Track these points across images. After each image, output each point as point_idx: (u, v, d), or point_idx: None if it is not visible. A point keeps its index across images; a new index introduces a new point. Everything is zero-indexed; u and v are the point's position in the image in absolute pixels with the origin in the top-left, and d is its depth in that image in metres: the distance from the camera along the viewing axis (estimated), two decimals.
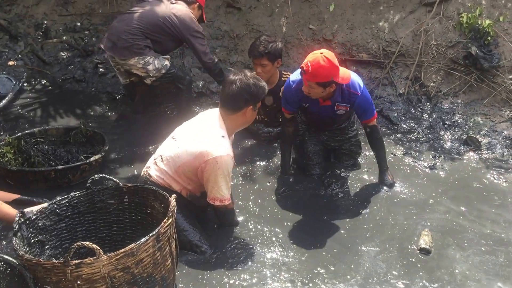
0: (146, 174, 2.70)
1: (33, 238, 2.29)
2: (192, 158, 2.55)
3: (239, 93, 2.62)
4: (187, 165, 2.58)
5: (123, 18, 3.93)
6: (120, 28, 3.84)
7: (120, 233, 2.56)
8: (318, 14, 4.81)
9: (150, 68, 3.87)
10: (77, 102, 4.59)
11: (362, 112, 3.15)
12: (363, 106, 3.10)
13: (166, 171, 2.63)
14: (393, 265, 2.57)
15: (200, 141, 2.57)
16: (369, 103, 3.13)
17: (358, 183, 3.35)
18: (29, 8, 5.60)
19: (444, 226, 2.91)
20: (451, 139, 3.98)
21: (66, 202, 2.44)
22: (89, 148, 3.59)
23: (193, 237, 2.63)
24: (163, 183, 2.63)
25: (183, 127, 2.78)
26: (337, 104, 3.11)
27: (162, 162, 2.65)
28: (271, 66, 3.66)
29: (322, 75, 2.82)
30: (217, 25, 5.00)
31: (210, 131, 2.62)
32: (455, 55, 4.39)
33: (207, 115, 2.78)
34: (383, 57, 4.55)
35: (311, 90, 2.94)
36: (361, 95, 3.06)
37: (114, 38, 3.84)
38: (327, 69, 2.80)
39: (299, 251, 2.65)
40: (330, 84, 2.90)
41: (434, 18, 4.51)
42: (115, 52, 3.85)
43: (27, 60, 5.23)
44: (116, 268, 2.00)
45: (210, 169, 2.51)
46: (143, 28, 3.82)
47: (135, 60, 3.82)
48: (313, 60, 2.81)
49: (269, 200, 3.13)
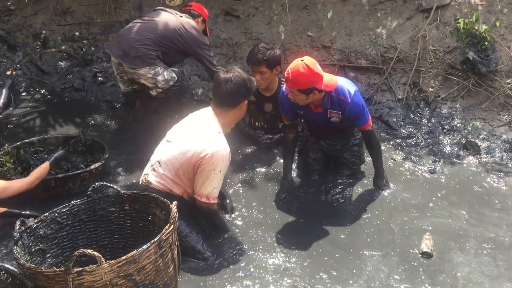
0: (145, 181, 2.68)
1: (34, 247, 2.29)
2: (190, 156, 2.55)
3: (237, 89, 2.68)
4: (185, 165, 2.58)
5: (134, 27, 3.89)
6: (131, 37, 3.81)
7: (121, 241, 2.55)
8: (316, 21, 4.84)
9: (159, 79, 3.85)
10: (76, 111, 4.59)
11: (354, 119, 3.11)
12: (354, 113, 3.05)
13: (166, 175, 2.62)
14: (395, 269, 2.57)
15: (196, 139, 2.59)
16: (361, 110, 3.05)
17: (359, 188, 3.35)
18: (27, 18, 5.63)
19: (446, 230, 2.90)
20: (450, 143, 3.99)
21: (67, 210, 2.44)
22: (88, 157, 3.59)
23: (196, 243, 2.62)
24: (164, 188, 2.63)
25: (176, 129, 2.78)
26: (329, 111, 3.09)
27: (160, 167, 2.64)
28: (270, 73, 3.68)
29: (302, 82, 2.83)
30: (216, 33, 5.02)
31: (206, 129, 2.65)
32: (453, 60, 4.42)
33: (200, 115, 2.79)
34: (382, 63, 4.58)
35: (295, 97, 2.96)
36: (351, 102, 3.00)
37: (125, 46, 3.79)
38: (307, 76, 2.80)
39: (301, 257, 2.64)
40: (312, 91, 2.88)
41: (431, 24, 4.54)
42: (125, 60, 3.81)
43: (25, 70, 5.24)
44: (118, 276, 1.99)
45: (205, 164, 2.52)
46: (155, 38, 3.81)
47: (145, 70, 3.80)
48: (293, 67, 2.83)
49: (270, 206, 3.13)
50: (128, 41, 3.80)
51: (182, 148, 2.60)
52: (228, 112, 2.73)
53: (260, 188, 3.33)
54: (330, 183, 3.37)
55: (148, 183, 2.66)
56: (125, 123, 4.38)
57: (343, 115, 3.09)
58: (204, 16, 4.17)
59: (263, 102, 3.89)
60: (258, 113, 3.98)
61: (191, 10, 4.12)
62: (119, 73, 4.03)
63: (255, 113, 4.01)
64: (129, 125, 4.33)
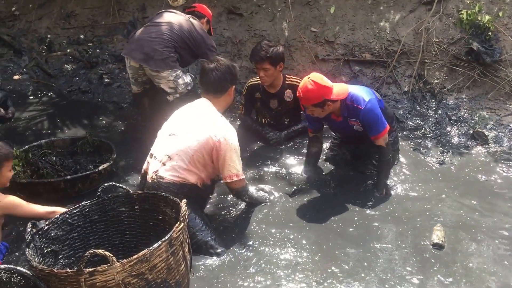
0: (157, 177, 2.69)
1: (46, 249, 2.29)
2: (204, 142, 2.67)
3: (223, 76, 2.86)
4: (200, 151, 2.67)
5: (150, 31, 3.83)
6: (152, 40, 3.76)
7: (133, 240, 2.56)
8: (319, 17, 4.83)
9: (180, 82, 3.82)
10: (83, 112, 4.62)
11: (367, 127, 3.11)
12: (367, 120, 3.08)
13: (180, 166, 2.67)
14: (407, 261, 2.56)
15: (205, 125, 2.72)
16: (374, 118, 3.07)
17: (368, 181, 3.33)
18: (32, 22, 5.68)
19: (457, 220, 2.89)
20: (458, 134, 3.97)
21: (77, 211, 2.45)
22: (97, 158, 3.61)
23: (209, 238, 2.65)
24: (179, 180, 2.67)
25: (175, 122, 2.85)
26: (349, 119, 3.19)
27: (172, 160, 2.68)
28: (273, 70, 3.68)
29: (312, 98, 3.01)
30: (220, 32, 5.03)
31: (209, 115, 2.79)
32: (457, 52, 4.40)
33: (196, 105, 2.89)
34: (386, 56, 4.56)
35: (312, 112, 3.13)
36: (364, 109, 3.05)
37: (148, 49, 3.73)
38: (315, 91, 2.98)
39: (312, 251, 2.64)
40: (325, 103, 3.03)
41: (434, 16, 4.53)
42: (149, 63, 3.74)
43: (32, 74, 5.28)
44: (130, 275, 1.99)
45: (223, 147, 2.67)
46: (174, 41, 3.78)
47: (167, 72, 3.76)
48: (302, 86, 3.03)
49: (279, 202, 3.13)
50: (150, 44, 3.74)
51: (192, 137, 2.68)
52: (219, 98, 2.88)
53: (269, 184, 3.32)
54: (340, 177, 3.37)
55: (160, 179, 2.67)
56: (132, 123, 4.40)
57: (360, 123, 3.15)
58: (208, 16, 4.16)
59: (269, 99, 3.91)
60: (264, 110, 3.99)
61: (195, 11, 4.11)
62: (135, 77, 3.97)
63: (261, 109, 4.02)
64: (136, 125, 4.35)
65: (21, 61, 5.44)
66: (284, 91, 3.86)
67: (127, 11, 5.47)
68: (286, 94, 3.86)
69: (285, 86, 3.85)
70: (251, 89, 3.96)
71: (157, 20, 3.92)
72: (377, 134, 3.10)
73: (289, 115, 3.98)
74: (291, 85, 3.84)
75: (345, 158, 3.58)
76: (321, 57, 4.69)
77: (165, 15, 3.96)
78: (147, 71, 3.84)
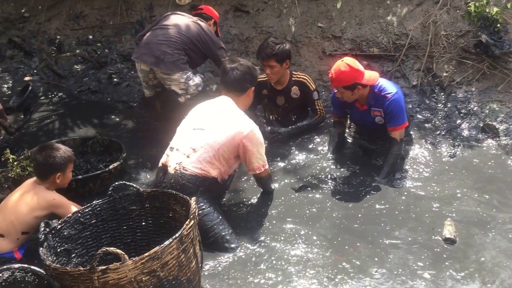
0: (181, 169, 2.73)
1: (59, 248, 2.33)
2: (231, 137, 2.78)
3: (243, 76, 2.98)
4: (226, 146, 2.77)
5: (158, 34, 3.85)
6: (162, 43, 3.78)
7: (144, 238, 2.59)
8: (326, 12, 4.82)
9: (191, 83, 3.84)
10: (93, 112, 4.66)
11: (388, 116, 3.23)
12: (390, 110, 3.20)
13: (204, 158, 2.73)
14: (418, 256, 2.55)
15: (231, 121, 2.83)
16: (398, 109, 3.21)
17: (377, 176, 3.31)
18: (42, 24, 5.74)
19: (468, 214, 2.87)
20: (468, 127, 3.94)
21: (89, 210, 2.48)
22: (107, 157, 3.65)
23: (226, 232, 2.69)
24: (201, 172, 2.73)
25: (201, 117, 2.92)
26: (372, 109, 3.28)
27: (196, 153, 2.74)
28: (279, 67, 3.69)
29: (344, 80, 3.14)
30: (227, 29, 5.04)
31: (234, 112, 2.90)
32: (466, 44, 4.36)
33: (219, 102, 2.98)
34: (394, 50, 4.54)
35: (342, 95, 3.25)
36: (391, 98, 3.20)
37: (158, 52, 3.75)
38: (348, 73, 3.11)
39: (323, 247, 2.65)
40: (355, 86, 3.16)
41: (442, 9, 4.49)
42: (160, 66, 3.77)
43: (42, 75, 5.34)
44: (142, 272, 2.01)
45: (251, 142, 2.80)
46: (183, 43, 3.81)
47: (179, 75, 3.79)
48: (335, 68, 3.16)
49: (289, 198, 3.13)
50: (159, 47, 3.77)
51: (221, 131, 2.78)
52: (239, 97, 2.98)
53: (278, 180, 3.33)
54: (350, 172, 3.37)
55: (184, 170, 2.72)
56: (141, 122, 4.43)
57: (383, 112, 3.25)
58: (215, 18, 4.17)
59: (275, 96, 3.91)
60: (272, 106, 3.99)
61: (202, 13, 4.12)
62: (146, 80, 3.99)
63: (268, 106, 4.03)
64: (146, 124, 4.37)
65: (31, 63, 5.50)
66: (291, 88, 3.86)
67: (134, 10, 5.49)
68: (292, 91, 3.86)
69: (292, 82, 3.85)
70: (258, 86, 3.94)
71: (164, 22, 3.93)
72: (396, 125, 3.23)
73: (296, 112, 3.98)
74: (297, 81, 3.84)
75: (356, 153, 3.59)
76: (328, 53, 4.68)
77: (172, 18, 3.97)
78: (158, 74, 3.86)
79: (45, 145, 2.77)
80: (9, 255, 2.57)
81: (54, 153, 2.66)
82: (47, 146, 2.76)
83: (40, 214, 2.60)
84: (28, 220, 2.59)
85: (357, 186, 3.23)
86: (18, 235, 2.59)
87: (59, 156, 2.66)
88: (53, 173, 2.66)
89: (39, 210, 2.60)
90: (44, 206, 2.62)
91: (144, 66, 3.87)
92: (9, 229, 2.57)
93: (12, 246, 2.59)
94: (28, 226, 2.60)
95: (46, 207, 2.62)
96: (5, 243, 2.56)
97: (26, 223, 2.59)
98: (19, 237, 2.59)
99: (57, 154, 2.66)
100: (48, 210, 2.62)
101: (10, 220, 2.57)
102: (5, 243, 2.56)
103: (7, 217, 2.58)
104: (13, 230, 2.57)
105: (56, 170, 2.66)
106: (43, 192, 2.65)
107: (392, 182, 3.25)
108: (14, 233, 2.58)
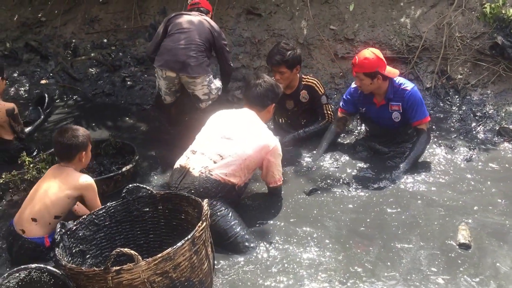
0: (206, 172, 2.77)
1: (74, 248, 2.37)
2: (258, 150, 2.88)
3: (266, 93, 3.09)
4: (253, 157, 2.87)
5: (179, 38, 3.86)
6: (185, 47, 3.80)
7: (157, 239, 2.61)
8: (338, 15, 4.81)
9: (213, 86, 3.87)
10: (107, 115, 4.72)
11: (412, 110, 3.26)
12: (412, 102, 3.25)
13: (230, 166, 2.80)
14: (432, 261, 2.52)
15: (258, 135, 2.93)
16: (419, 101, 3.29)
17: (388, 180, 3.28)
18: (58, 28, 5.84)
19: (484, 219, 2.83)
20: (483, 130, 3.89)
21: (103, 212, 2.52)
22: (120, 159, 3.68)
23: (246, 231, 2.72)
24: (224, 179, 2.78)
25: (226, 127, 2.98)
26: (391, 104, 3.31)
27: (224, 160, 2.80)
28: (289, 73, 3.69)
29: (367, 66, 3.22)
30: (239, 32, 5.06)
31: (259, 125, 3.00)
32: (481, 46, 4.31)
33: (243, 114, 3.08)
34: (407, 53, 4.51)
35: (360, 82, 3.31)
36: (411, 90, 3.28)
37: (183, 57, 3.78)
38: (372, 60, 3.21)
39: (335, 250, 2.63)
40: (376, 75, 3.23)
41: (457, 10, 4.44)
42: (187, 70, 3.79)
43: (58, 78, 5.43)
44: (155, 273, 2.04)
45: (274, 156, 2.94)
46: (203, 44, 3.84)
47: (203, 77, 3.82)
48: (360, 53, 3.28)
49: (301, 201, 3.13)
50: (184, 52, 3.79)
51: (249, 143, 2.87)
52: (260, 113, 3.09)
53: (290, 183, 3.33)
54: (361, 176, 3.35)
55: (209, 174, 2.77)
56: (154, 125, 4.47)
57: (403, 106, 3.29)
58: (210, 10, 4.22)
59: (285, 100, 3.89)
60: (281, 110, 4.00)
61: (200, 7, 4.14)
62: (170, 86, 3.99)
63: (278, 109, 4.02)
64: (158, 127, 4.41)
65: (47, 66, 5.60)
66: (300, 92, 3.85)
67: (148, 14, 5.56)
68: (301, 95, 3.85)
69: (301, 87, 3.84)
70: None
71: (181, 26, 3.92)
72: (422, 118, 3.30)
73: (306, 116, 3.97)
74: (307, 85, 3.83)
75: (367, 156, 3.57)
76: (340, 55, 4.67)
77: (184, 19, 3.97)
78: (183, 79, 3.87)
79: (65, 128, 2.84)
80: (40, 240, 2.61)
81: (76, 133, 2.75)
82: (67, 128, 2.82)
83: (72, 195, 2.65)
84: (61, 202, 2.63)
85: (369, 190, 3.21)
86: (51, 219, 2.62)
87: (81, 135, 2.76)
88: (78, 152, 2.74)
89: (71, 190, 2.65)
90: (76, 186, 2.66)
91: (171, 73, 3.87)
92: (42, 213, 2.61)
93: (44, 231, 2.61)
94: (61, 208, 2.64)
95: (78, 188, 2.66)
96: (37, 228, 2.60)
97: (60, 206, 2.63)
98: (51, 221, 2.62)
99: (79, 133, 2.76)
100: (79, 191, 2.67)
101: (44, 203, 2.61)
102: (37, 228, 2.60)
103: (40, 201, 2.62)
104: (47, 214, 2.61)
105: (80, 148, 2.74)
106: (74, 173, 2.71)
107: (405, 185, 3.22)
108: (47, 216, 2.61)
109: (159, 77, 3.98)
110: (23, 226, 2.60)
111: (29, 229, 2.59)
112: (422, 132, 3.32)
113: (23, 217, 2.62)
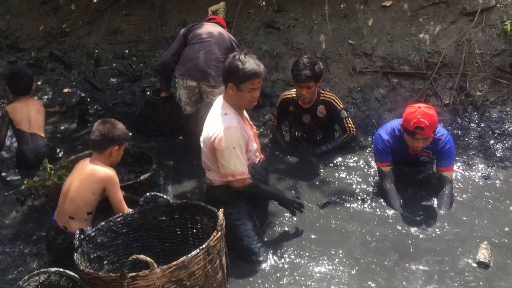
0: (209, 181, 2.86)
1: (92, 254, 2.42)
2: (208, 143, 2.70)
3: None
4: (207, 153, 2.74)
5: (200, 48, 3.92)
6: (206, 57, 3.88)
7: (173, 248, 2.65)
8: (357, 29, 4.83)
9: None
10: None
11: (441, 157, 3.18)
12: (445, 151, 3.15)
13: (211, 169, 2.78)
14: (448, 280, 2.49)
15: (206, 126, 2.75)
16: (452, 151, 3.18)
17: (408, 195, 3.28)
18: (81, 38, 5.99)
19: (503, 239, 2.79)
20: (502, 148, 3.85)
21: (121, 219, 2.57)
22: (137, 168, 3.74)
23: (254, 245, 2.71)
24: (221, 182, 2.77)
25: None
26: (423, 151, 3.20)
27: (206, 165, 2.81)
28: (315, 86, 3.71)
29: (436, 123, 3.00)
30: (258, 45, 5.12)
31: (213, 114, 2.77)
32: (501, 63, 4.28)
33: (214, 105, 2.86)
34: (426, 69, 4.50)
35: (425, 143, 3.06)
36: (445, 139, 3.14)
37: (205, 67, 3.86)
38: (436, 117, 2.99)
39: (348, 265, 2.63)
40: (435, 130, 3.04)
41: (477, 27, 4.43)
42: (208, 80, 3.87)
43: (80, 87, 5.55)
44: (170, 281, 2.07)
45: (219, 147, 2.63)
46: (223, 53, 3.89)
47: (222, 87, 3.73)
48: (422, 116, 2.93)
49: (314, 213, 3.14)
50: (205, 61, 3.86)
51: (202, 139, 2.78)
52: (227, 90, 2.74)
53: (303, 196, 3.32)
54: (376, 191, 3.34)
55: (212, 183, 2.83)
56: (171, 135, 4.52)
57: (435, 152, 3.20)
58: (225, 27, 4.28)
59: (301, 114, 3.91)
60: (298, 124, 4.01)
61: (216, 22, 4.21)
62: (190, 96, 4.04)
63: (294, 123, 4.05)
64: (176, 137, 4.46)
65: (70, 75, 5.74)
66: (317, 107, 3.85)
67: (169, 26, 5.67)
68: (318, 110, 3.85)
69: (319, 101, 3.84)
70: (284, 103, 3.97)
71: (201, 36, 3.98)
72: (448, 165, 3.19)
73: (322, 131, 3.99)
74: (324, 101, 3.83)
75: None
76: (358, 70, 4.69)
77: (205, 28, 4.03)
78: (203, 88, 3.93)
79: (107, 119, 2.93)
80: None
81: (116, 126, 2.84)
82: (109, 120, 2.92)
83: (96, 189, 2.71)
84: (88, 199, 2.72)
85: (384, 205, 3.19)
86: (85, 216, 2.74)
87: (120, 129, 2.85)
88: (111, 145, 2.80)
89: (94, 185, 2.71)
90: (97, 180, 2.71)
91: (192, 82, 3.93)
92: (76, 211, 2.73)
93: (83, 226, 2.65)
94: (90, 205, 2.73)
95: (100, 181, 2.71)
96: (76, 224, 2.68)
97: (88, 203, 2.73)
98: (86, 218, 2.74)
99: (118, 127, 2.85)
100: (101, 183, 2.71)
101: (76, 203, 2.72)
102: (76, 224, 2.70)
103: (72, 201, 2.73)
104: (80, 212, 2.73)
105: (114, 142, 2.81)
106: (97, 167, 2.75)
107: (420, 202, 3.20)
108: (81, 214, 2.73)
109: (180, 87, 4.04)
110: (65, 223, 2.74)
111: (70, 226, 2.73)
112: (447, 181, 3.16)
113: (62, 215, 2.75)
